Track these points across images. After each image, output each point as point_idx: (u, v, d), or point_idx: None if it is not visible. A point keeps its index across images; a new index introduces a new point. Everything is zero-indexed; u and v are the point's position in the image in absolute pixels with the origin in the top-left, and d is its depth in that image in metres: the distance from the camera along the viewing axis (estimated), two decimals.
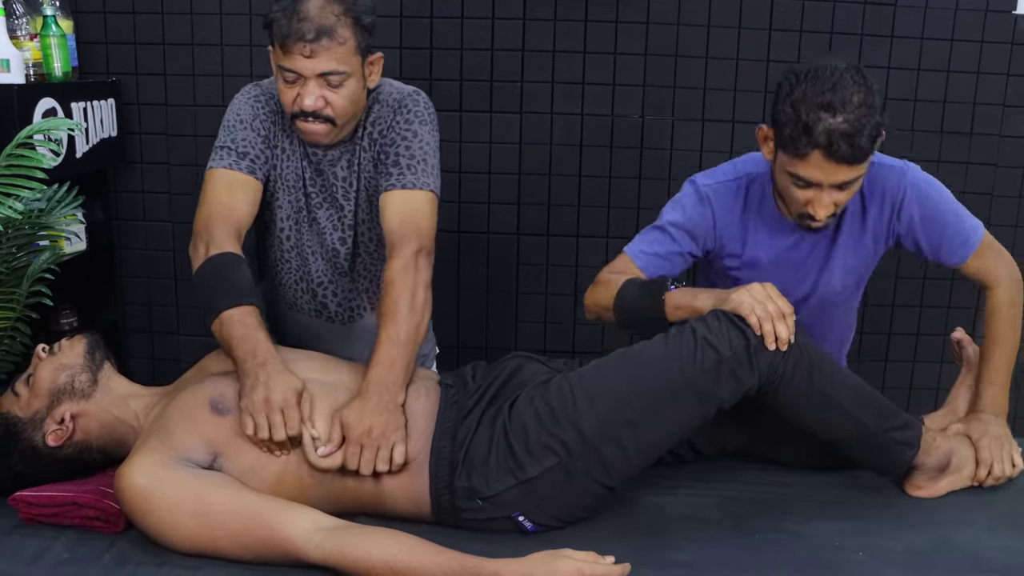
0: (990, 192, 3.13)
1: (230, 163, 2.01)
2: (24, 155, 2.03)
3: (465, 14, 3.04)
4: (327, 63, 1.87)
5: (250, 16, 3.06)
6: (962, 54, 3.03)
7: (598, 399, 1.72)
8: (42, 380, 1.81)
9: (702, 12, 3.02)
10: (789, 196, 1.91)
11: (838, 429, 1.83)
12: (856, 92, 1.76)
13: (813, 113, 1.75)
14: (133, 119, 3.15)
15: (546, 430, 1.71)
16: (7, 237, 2.10)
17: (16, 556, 1.63)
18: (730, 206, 2.06)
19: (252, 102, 2.06)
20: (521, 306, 3.27)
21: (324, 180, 2.08)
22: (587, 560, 1.54)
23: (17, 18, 2.65)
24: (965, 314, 3.20)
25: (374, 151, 2.03)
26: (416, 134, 1.99)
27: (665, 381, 1.72)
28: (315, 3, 1.85)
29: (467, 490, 1.72)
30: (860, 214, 2.05)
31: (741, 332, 1.71)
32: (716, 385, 1.71)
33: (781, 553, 1.69)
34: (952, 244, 2.06)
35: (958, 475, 1.92)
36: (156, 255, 3.27)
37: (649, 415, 1.72)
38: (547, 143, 3.13)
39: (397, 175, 1.97)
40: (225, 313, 1.79)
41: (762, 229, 2.07)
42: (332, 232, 2.11)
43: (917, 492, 1.91)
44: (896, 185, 2.02)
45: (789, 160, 1.83)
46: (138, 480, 1.63)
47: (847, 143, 1.75)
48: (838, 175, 1.81)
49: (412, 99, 2.03)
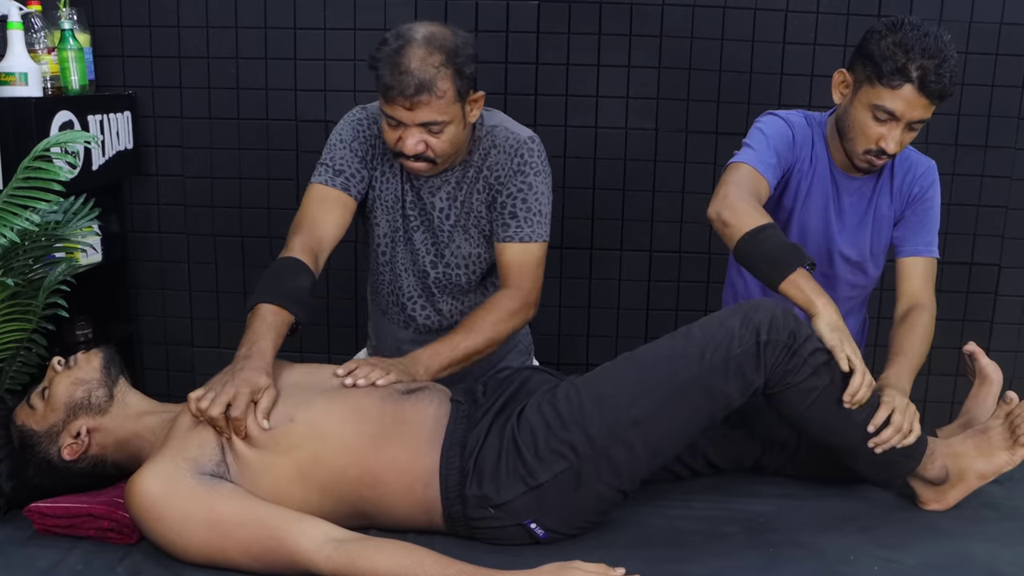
0: (1005, 205, 3.12)
1: (326, 179, 2.11)
2: (41, 168, 2.05)
3: (479, 27, 3.06)
4: (427, 115, 1.94)
5: (265, 30, 3.08)
6: (977, 66, 3.03)
7: (605, 401, 1.72)
8: (58, 394, 1.81)
9: (715, 25, 3.03)
10: (864, 132, 2.08)
11: (842, 437, 1.82)
12: (947, 47, 2.00)
13: (913, 51, 1.97)
14: (149, 132, 3.17)
15: (554, 435, 1.71)
16: (24, 249, 2.12)
17: (30, 567, 1.63)
18: (802, 131, 2.22)
19: (355, 124, 2.16)
20: (535, 318, 3.26)
21: (423, 205, 2.18)
22: (598, 572, 1.54)
23: (35, 32, 2.68)
24: (980, 327, 3.19)
25: (488, 193, 2.15)
26: (531, 186, 2.12)
27: (672, 379, 1.71)
28: (417, 52, 1.91)
29: (478, 499, 1.71)
30: (889, 184, 2.24)
31: (754, 331, 1.71)
32: (724, 382, 1.71)
33: (795, 567, 1.68)
34: (921, 237, 2.23)
35: (964, 484, 1.91)
36: (171, 267, 3.29)
37: (657, 414, 1.71)
38: (561, 156, 3.14)
39: (515, 227, 2.12)
40: (257, 306, 1.89)
41: (823, 164, 2.23)
42: (425, 255, 2.22)
43: (928, 507, 1.91)
44: (922, 164, 2.25)
45: (876, 92, 2.03)
46: (148, 488, 1.63)
47: (936, 79, 1.97)
48: (917, 111, 2.01)
49: (527, 148, 2.12)
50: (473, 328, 2.04)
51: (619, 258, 3.22)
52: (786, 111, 2.24)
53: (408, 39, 1.92)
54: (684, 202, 3.17)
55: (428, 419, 1.78)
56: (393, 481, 1.72)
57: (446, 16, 3.04)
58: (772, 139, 2.15)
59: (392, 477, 1.72)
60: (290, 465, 1.70)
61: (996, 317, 3.21)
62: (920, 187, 2.23)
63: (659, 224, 3.17)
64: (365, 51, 3.05)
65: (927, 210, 2.23)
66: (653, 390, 1.72)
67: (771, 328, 1.70)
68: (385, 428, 1.74)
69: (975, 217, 3.13)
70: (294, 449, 1.70)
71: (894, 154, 2.08)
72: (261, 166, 3.18)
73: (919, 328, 2.11)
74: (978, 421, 2.08)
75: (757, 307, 1.75)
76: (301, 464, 1.70)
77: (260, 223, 3.23)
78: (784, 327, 1.71)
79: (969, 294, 3.18)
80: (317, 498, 1.70)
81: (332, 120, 3.09)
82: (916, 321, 2.12)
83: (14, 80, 2.53)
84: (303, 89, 3.12)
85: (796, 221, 2.25)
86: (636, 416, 1.70)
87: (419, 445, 1.74)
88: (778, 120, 2.20)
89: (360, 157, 2.14)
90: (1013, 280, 3.18)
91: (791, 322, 1.73)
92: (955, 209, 3.11)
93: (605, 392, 1.74)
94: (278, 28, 3.09)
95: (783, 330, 1.71)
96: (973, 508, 1.91)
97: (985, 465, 1.92)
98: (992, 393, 2.13)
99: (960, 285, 3.19)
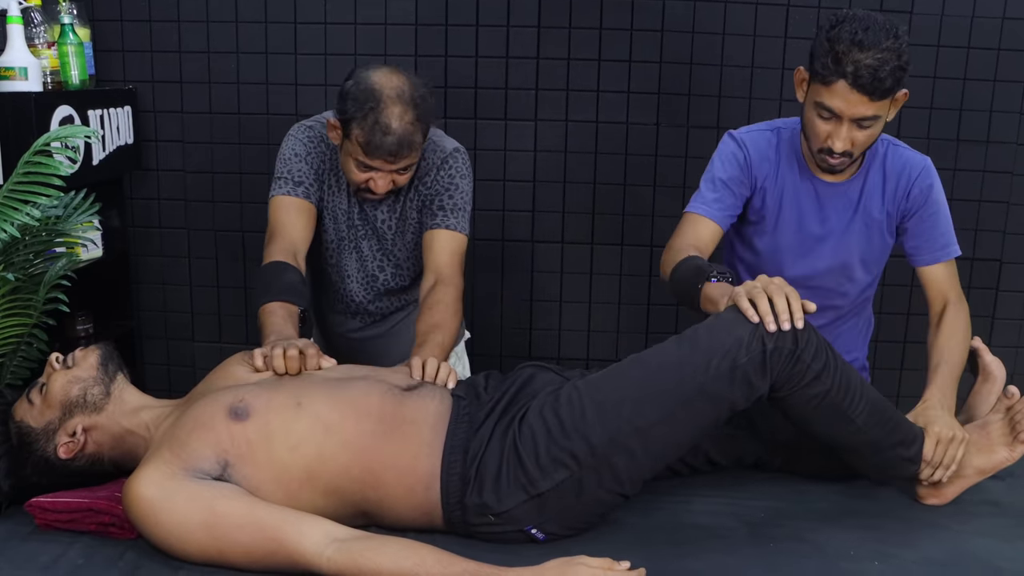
0: (1007, 200, 3.11)
1: (288, 191, 2.26)
2: (42, 162, 2.04)
3: (480, 22, 3.05)
4: (404, 163, 2.13)
5: (265, 24, 3.08)
6: (979, 62, 3.02)
7: (607, 408, 1.71)
8: (55, 392, 1.80)
9: (717, 20, 3.03)
10: (813, 130, 2.06)
11: (846, 440, 1.82)
12: (887, 39, 1.93)
13: (844, 46, 1.92)
14: (149, 126, 3.17)
15: (556, 443, 1.70)
16: (24, 244, 2.12)
17: (32, 562, 1.63)
18: (763, 150, 2.22)
19: (306, 141, 2.30)
20: (536, 314, 3.27)
21: (366, 216, 2.33)
22: (602, 567, 1.53)
23: (35, 27, 2.67)
24: (982, 323, 3.19)
25: (420, 201, 2.30)
26: (457, 187, 2.28)
27: (678, 387, 1.70)
28: (395, 111, 2.06)
29: (479, 507, 1.70)
30: (880, 187, 2.19)
31: (761, 339, 1.69)
32: (730, 390, 1.70)
33: (796, 562, 1.68)
34: (935, 242, 2.19)
35: (962, 479, 1.91)
36: (172, 262, 3.29)
37: (660, 422, 1.70)
38: (562, 151, 3.13)
39: (442, 217, 2.26)
40: (263, 307, 2.07)
41: (793, 174, 2.21)
42: (372, 260, 2.39)
43: (925, 501, 1.91)
44: (915, 165, 2.18)
45: (816, 89, 2.00)
46: (146, 492, 1.62)
47: (870, 75, 1.91)
48: (858, 108, 1.96)
49: (452, 157, 2.29)
50: (441, 326, 2.12)
51: (620, 253, 3.22)
52: (749, 128, 2.26)
53: (380, 97, 2.06)
54: (685, 197, 3.12)
55: (429, 417, 1.77)
56: (394, 483, 1.72)
57: (447, 13, 3.03)
58: (716, 171, 2.22)
59: (393, 478, 1.72)
60: (298, 466, 1.69)
61: (997, 313, 3.21)
62: (919, 190, 2.17)
63: (660, 219, 3.16)
64: (366, 46, 3.06)
65: (934, 214, 2.19)
66: (657, 397, 1.71)
67: (777, 336, 1.69)
68: (386, 426, 1.73)
69: (976, 212, 3.12)
70: (301, 444, 1.69)
71: (845, 153, 2.04)
72: (261, 161, 3.18)
73: (954, 332, 2.12)
74: (980, 417, 2.08)
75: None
76: (308, 462, 1.69)
77: (261, 218, 3.19)
78: (789, 334, 1.70)
79: (971, 290, 3.17)
80: (322, 501, 1.69)
81: None
82: (949, 324, 2.13)
83: (14, 75, 2.53)
84: (303, 84, 3.12)
85: (771, 237, 2.24)
86: (639, 424, 1.70)
87: (419, 446, 1.73)
88: (728, 144, 2.24)
89: (315, 170, 2.28)
90: (1015, 276, 3.18)
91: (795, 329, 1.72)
92: (956, 204, 3.08)
93: (608, 399, 1.72)
94: (278, 23, 3.08)
95: (788, 337, 1.69)
96: (973, 504, 1.91)
97: (984, 461, 1.91)
98: (995, 389, 2.13)
99: (962, 280, 3.15)
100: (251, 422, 1.70)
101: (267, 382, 1.81)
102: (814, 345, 1.72)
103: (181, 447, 1.67)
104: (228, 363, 1.96)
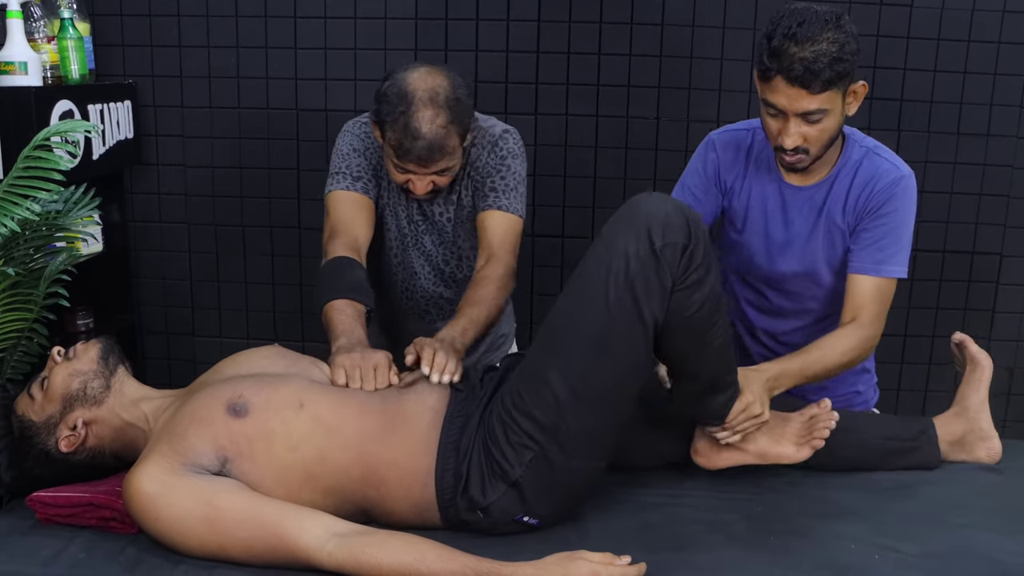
0: (1007, 194, 3.11)
1: (346, 185, 2.21)
2: (41, 157, 2.04)
3: (480, 16, 3.05)
4: (438, 167, 2.07)
5: (265, 19, 3.07)
6: (979, 55, 3.02)
7: (536, 381, 1.69)
8: (55, 385, 1.81)
9: (717, 14, 3.02)
10: (767, 129, 2.03)
11: (692, 364, 1.79)
12: (825, 30, 1.88)
13: (779, 41, 1.88)
14: (149, 121, 3.17)
15: (511, 429, 1.70)
16: (24, 238, 2.11)
17: (33, 556, 1.64)
18: (733, 152, 2.20)
19: (363, 136, 2.25)
20: (537, 307, 3.27)
21: (424, 211, 2.30)
22: (603, 561, 1.53)
23: (35, 21, 2.67)
24: (981, 316, 3.19)
25: (472, 186, 2.25)
26: (510, 167, 2.22)
27: (588, 332, 1.65)
28: (426, 115, 1.99)
29: (468, 502, 1.71)
30: (845, 194, 2.11)
31: (648, 238, 1.62)
32: (638, 307, 1.62)
33: (796, 556, 1.69)
34: (869, 255, 2.08)
35: (740, 454, 1.93)
36: (172, 256, 3.29)
37: (589, 374, 1.66)
38: (562, 144, 3.13)
39: (494, 198, 2.20)
40: (327, 304, 1.99)
41: (760, 178, 2.18)
42: (437, 255, 2.35)
43: (696, 458, 1.95)
44: (884, 175, 2.07)
45: (761, 87, 1.96)
46: (146, 487, 1.62)
47: (804, 67, 1.87)
48: (800, 102, 1.91)
49: (503, 139, 2.24)
50: (481, 301, 2.08)
51: None
52: (728, 128, 2.24)
53: (412, 100, 2.00)
54: None
55: (426, 413, 1.77)
56: (394, 482, 1.72)
57: (447, 7, 3.03)
58: (686, 178, 2.26)
59: (394, 477, 1.72)
60: (298, 466, 1.69)
61: (997, 306, 3.21)
62: (877, 202, 2.07)
63: None
64: (366, 39, 3.05)
65: (880, 227, 2.06)
66: (572, 353, 1.67)
67: (665, 231, 1.62)
68: (386, 427, 1.74)
69: (977, 205, 3.12)
70: (301, 445, 1.69)
71: (800, 150, 1.98)
72: (262, 155, 3.18)
73: (836, 344, 2.02)
74: (972, 407, 2.10)
75: (644, 209, 1.67)
76: (308, 463, 1.69)
77: (261, 212, 3.23)
78: (681, 229, 1.62)
79: (971, 283, 3.18)
80: (322, 500, 1.69)
81: (333, 109, 3.09)
82: (838, 336, 2.04)
83: (14, 69, 2.53)
84: (304, 78, 3.12)
85: (741, 239, 2.22)
86: (572, 385, 1.66)
87: (416, 444, 1.74)
88: (700, 151, 2.25)
89: (372, 166, 2.23)
90: (1015, 269, 3.18)
91: (683, 215, 1.64)
92: (957, 198, 3.10)
93: (535, 372, 1.71)
94: (278, 17, 3.08)
95: (679, 232, 1.62)
96: (973, 497, 1.91)
97: (768, 446, 1.93)
98: (984, 378, 2.14)
99: (962, 274, 3.18)
100: (250, 420, 1.69)
101: (267, 377, 1.81)
102: (703, 244, 1.64)
103: (179, 441, 1.67)
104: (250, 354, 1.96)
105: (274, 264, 3.27)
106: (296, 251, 3.24)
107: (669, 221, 1.63)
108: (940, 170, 3.07)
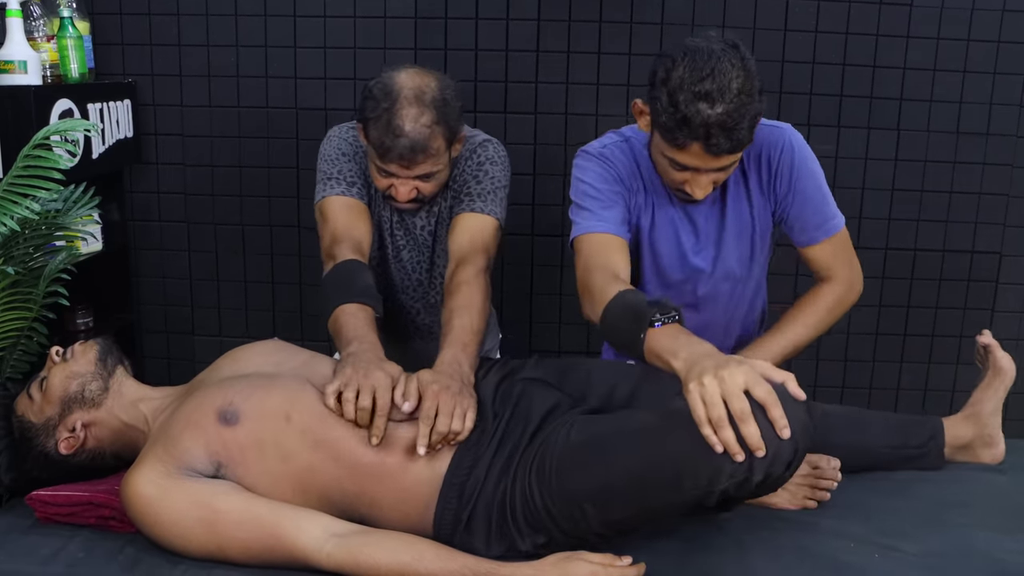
0: (1007, 193, 3.11)
1: (342, 191, 2.13)
2: (41, 156, 2.04)
3: (480, 15, 3.05)
4: (422, 169, 2.01)
5: (265, 17, 3.07)
6: (978, 54, 3.02)
7: (575, 498, 1.57)
8: (54, 387, 1.80)
9: (717, 13, 3.02)
10: (667, 175, 1.88)
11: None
12: (735, 78, 1.69)
13: (691, 104, 1.68)
14: (149, 120, 3.17)
15: (533, 515, 1.61)
16: (24, 237, 2.12)
17: (32, 555, 1.64)
18: (626, 162, 2.00)
19: (352, 141, 2.18)
20: (536, 306, 3.27)
21: (404, 224, 2.23)
22: (603, 562, 1.53)
23: (34, 20, 2.67)
24: (981, 315, 3.19)
25: (452, 197, 2.17)
26: (487, 172, 2.14)
27: (644, 494, 1.54)
28: (409, 113, 1.95)
29: (467, 546, 1.63)
30: (743, 179, 1.99)
31: (748, 468, 1.43)
32: (696, 501, 1.52)
33: (796, 555, 1.69)
34: (809, 220, 1.99)
35: None
36: (172, 255, 3.29)
37: (628, 516, 1.59)
38: (561, 144, 3.13)
39: (468, 202, 2.12)
40: (338, 308, 1.89)
41: (656, 191, 2.02)
42: (415, 271, 2.28)
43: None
44: (775, 142, 1.95)
45: (666, 147, 1.78)
46: (143, 490, 1.62)
47: (726, 136, 1.69)
48: (717, 162, 1.77)
49: (483, 146, 2.17)
50: (465, 307, 1.94)
51: None
52: (600, 144, 2.03)
53: (397, 97, 1.95)
54: None
55: None
56: (390, 506, 1.67)
57: (446, 7, 3.03)
58: (595, 182, 1.98)
59: (390, 501, 1.67)
60: (290, 476, 1.67)
61: (997, 305, 3.21)
62: (784, 169, 1.94)
63: None
64: (365, 39, 3.05)
65: (800, 192, 1.95)
66: (624, 501, 1.56)
67: (770, 462, 1.43)
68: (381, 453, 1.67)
69: (976, 205, 3.12)
70: (292, 456, 1.66)
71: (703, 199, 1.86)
72: (261, 154, 3.18)
73: (821, 299, 1.99)
74: (984, 413, 2.07)
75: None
76: (299, 474, 1.67)
77: (260, 211, 3.23)
78: (783, 458, 1.44)
79: (970, 282, 3.17)
80: (316, 504, 1.67)
81: (332, 108, 3.09)
82: (817, 293, 2.00)
83: (13, 68, 2.52)
84: (303, 77, 3.11)
85: (649, 257, 2.07)
86: (603, 519, 1.58)
87: (418, 473, 1.67)
88: (595, 163, 1.99)
89: (362, 171, 2.17)
90: (1014, 268, 3.18)
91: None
92: (956, 197, 3.10)
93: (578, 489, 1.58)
94: (278, 16, 3.08)
95: (781, 463, 1.45)
96: (974, 496, 1.91)
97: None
98: (1004, 386, 2.10)
99: (961, 273, 3.18)
100: (241, 427, 1.67)
101: (259, 379, 1.78)
102: (799, 461, 1.49)
103: (174, 445, 1.67)
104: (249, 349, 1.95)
105: (273, 263, 3.27)
106: (296, 250, 3.24)
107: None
108: (939, 169, 3.07)
